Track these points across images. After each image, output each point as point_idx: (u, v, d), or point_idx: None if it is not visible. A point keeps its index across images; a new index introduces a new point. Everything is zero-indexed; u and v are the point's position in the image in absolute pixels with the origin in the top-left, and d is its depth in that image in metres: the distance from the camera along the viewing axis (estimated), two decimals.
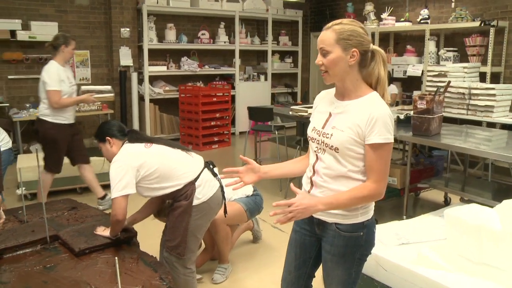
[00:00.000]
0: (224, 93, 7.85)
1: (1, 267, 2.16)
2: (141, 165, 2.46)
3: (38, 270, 2.13)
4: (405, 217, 4.04)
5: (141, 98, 7.86)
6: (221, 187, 2.69)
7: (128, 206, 2.44)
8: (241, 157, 2.05)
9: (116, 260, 1.68)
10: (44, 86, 4.26)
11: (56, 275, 2.07)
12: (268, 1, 9.08)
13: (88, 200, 4.89)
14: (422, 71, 6.51)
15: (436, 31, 6.69)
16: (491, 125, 5.18)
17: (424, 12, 6.69)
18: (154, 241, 3.14)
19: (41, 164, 4.52)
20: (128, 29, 7.69)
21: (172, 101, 8.09)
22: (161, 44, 7.99)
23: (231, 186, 1.98)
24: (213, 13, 8.48)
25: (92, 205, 3.26)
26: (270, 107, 6.08)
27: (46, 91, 4.23)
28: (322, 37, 1.78)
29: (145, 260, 2.24)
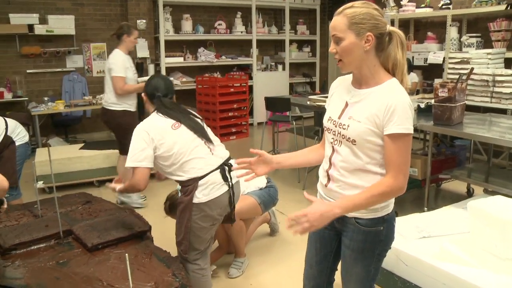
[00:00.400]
0: (242, 84, 7.78)
1: (15, 263, 2.14)
2: (161, 145, 2.45)
3: (51, 266, 2.11)
4: (426, 209, 3.93)
5: None
6: (232, 193, 2.55)
7: None
8: (252, 151, 1.98)
9: (127, 257, 1.63)
10: (110, 73, 4.38)
11: (69, 271, 2.05)
12: None
13: (104, 193, 4.91)
14: (444, 59, 6.33)
15: (459, 17, 6.48)
16: None
17: None
18: (169, 236, 3.10)
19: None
20: (144, 21, 7.67)
21: (190, 92, 8.05)
22: (178, 35, 7.95)
23: (244, 180, 1.93)
24: (230, 3, 8.40)
25: (107, 199, 3.24)
26: (288, 97, 5.98)
27: (112, 77, 4.35)
28: (334, 23, 1.68)
29: (158, 256, 2.20)
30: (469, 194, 4.57)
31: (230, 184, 2.54)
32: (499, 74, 4.96)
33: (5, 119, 3.59)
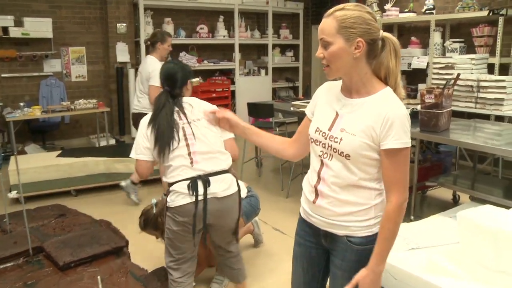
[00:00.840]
0: (224, 89, 7.67)
1: None
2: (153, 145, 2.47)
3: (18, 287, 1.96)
4: (413, 217, 3.86)
5: None
6: (204, 207, 2.39)
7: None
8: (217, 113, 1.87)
9: (99, 280, 1.50)
10: (148, 80, 4.39)
11: None
12: None
13: (83, 203, 4.75)
14: (428, 63, 6.30)
15: (442, 22, 6.46)
16: (499, 119, 4.99)
17: (429, 2, 6.45)
18: (147, 249, 2.96)
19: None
20: (125, 24, 7.51)
21: None
22: None
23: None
24: (212, 7, 8.28)
25: (84, 210, 3.08)
26: (270, 103, 5.88)
27: (149, 86, 4.35)
28: (322, 26, 1.56)
29: (135, 274, 2.07)
30: (455, 201, 4.52)
31: (198, 198, 2.37)
32: (484, 80, 4.92)
33: None
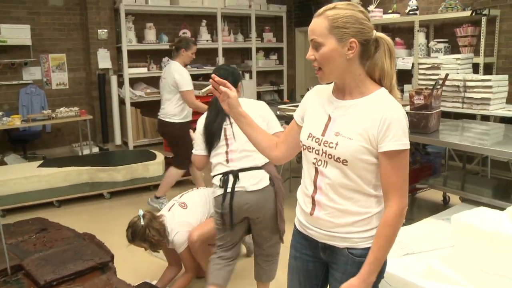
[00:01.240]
0: (208, 94, 7.55)
1: None
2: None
3: None
4: (404, 220, 3.81)
5: (122, 102, 7.54)
6: (230, 199, 2.58)
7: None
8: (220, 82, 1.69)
9: None
10: (178, 87, 4.41)
11: None
12: None
13: (66, 214, 4.61)
14: (413, 64, 6.30)
15: (426, 22, 6.47)
16: (485, 118, 4.98)
17: (413, 3, 6.46)
18: (133, 261, 2.85)
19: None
20: (106, 30, 7.38)
21: (155, 104, 7.75)
22: (141, 45, 7.66)
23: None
24: (194, 11, 8.19)
25: (67, 223, 2.96)
26: None
27: (182, 92, 4.40)
28: (313, 26, 1.48)
29: None
30: (445, 203, 4.49)
31: (227, 190, 2.59)
32: (470, 80, 4.92)
33: None
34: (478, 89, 4.84)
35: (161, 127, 4.67)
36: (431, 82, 5.13)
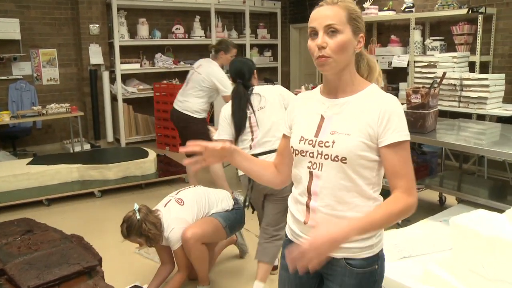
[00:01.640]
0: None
1: None
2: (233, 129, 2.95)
3: None
4: (400, 222, 3.75)
5: (114, 98, 7.44)
6: (249, 178, 2.80)
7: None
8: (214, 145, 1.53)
9: None
10: (220, 92, 4.48)
11: None
12: None
13: (56, 213, 4.51)
14: (408, 62, 6.24)
15: (421, 20, 6.40)
16: (482, 117, 4.94)
17: (408, 0, 6.39)
18: (122, 262, 2.77)
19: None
20: (98, 25, 7.26)
21: (147, 100, 7.68)
22: (133, 41, 7.56)
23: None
24: (188, 6, 8.08)
25: (54, 223, 2.87)
26: None
27: (224, 96, 4.42)
28: (329, 12, 1.40)
29: None
30: (441, 203, 4.43)
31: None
32: (467, 78, 4.86)
33: None
34: (475, 88, 4.79)
35: (181, 120, 4.59)
36: (427, 81, 5.08)
